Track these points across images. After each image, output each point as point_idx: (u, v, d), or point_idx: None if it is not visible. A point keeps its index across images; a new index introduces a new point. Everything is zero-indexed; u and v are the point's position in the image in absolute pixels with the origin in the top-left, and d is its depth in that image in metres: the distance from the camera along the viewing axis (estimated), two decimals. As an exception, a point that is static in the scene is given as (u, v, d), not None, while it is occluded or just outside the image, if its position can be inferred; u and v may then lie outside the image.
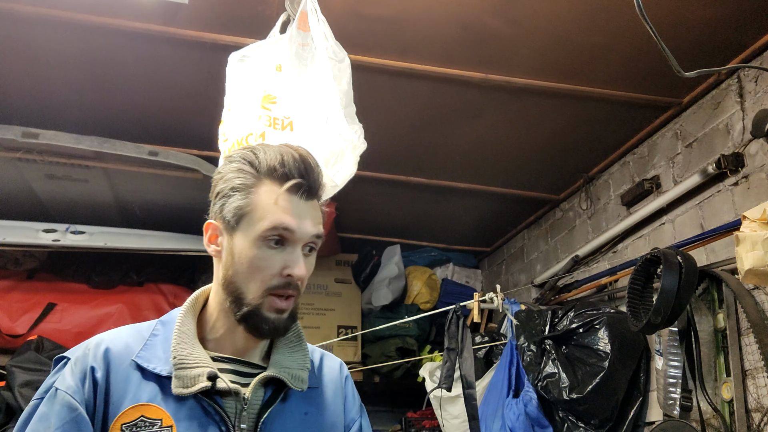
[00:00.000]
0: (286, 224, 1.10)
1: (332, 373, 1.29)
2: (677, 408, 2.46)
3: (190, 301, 1.22)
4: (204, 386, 1.08)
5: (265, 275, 1.11)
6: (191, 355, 1.12)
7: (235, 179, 1.14)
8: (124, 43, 2.46)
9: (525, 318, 3.14)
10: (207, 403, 1.09)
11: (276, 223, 1.10)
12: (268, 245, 1.11)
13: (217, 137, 1.89)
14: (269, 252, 1.11)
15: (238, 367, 1.17)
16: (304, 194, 1.13)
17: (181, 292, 3.55)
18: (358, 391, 1.33)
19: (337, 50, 1.90)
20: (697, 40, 2.39)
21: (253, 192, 1.12)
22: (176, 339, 1.14)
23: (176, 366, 1.10)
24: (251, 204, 1.12)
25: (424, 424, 4.18)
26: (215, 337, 1.18)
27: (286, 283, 1.12)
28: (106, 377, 1.10)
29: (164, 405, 1.08)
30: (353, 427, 1.26)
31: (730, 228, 2.42)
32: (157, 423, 1.07)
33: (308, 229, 1.12)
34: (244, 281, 1.12)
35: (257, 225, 1.11)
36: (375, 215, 4.09)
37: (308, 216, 1.13)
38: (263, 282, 1.11)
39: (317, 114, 1.82)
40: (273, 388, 1.16)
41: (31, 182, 3.06)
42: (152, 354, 1.13)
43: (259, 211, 1.11)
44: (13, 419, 2.86)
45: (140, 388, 1.10)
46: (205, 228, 1.19)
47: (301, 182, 1.12)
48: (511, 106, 2.87)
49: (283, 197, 1.11)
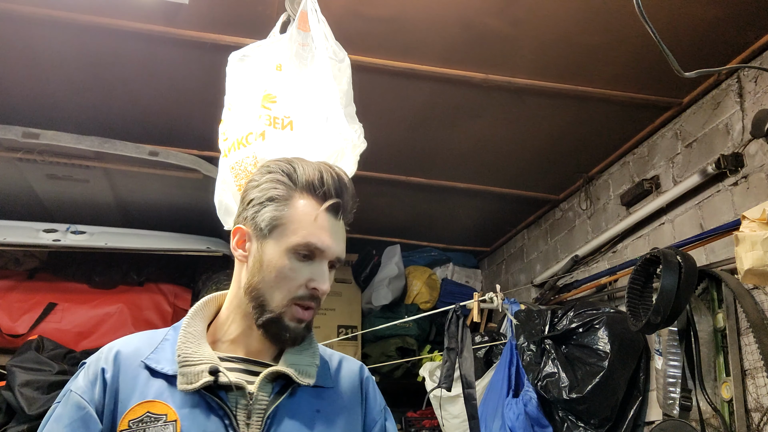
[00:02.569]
0: (323, 241, 1.15)
1: (351, 375, 1.29)
2: (677, 408, 2.46)
3: (200, 304, 1.25)
4: (207, 381, 1.11)
5: (292, 285, 1.15)
6: (196, 353, 1.15)
7: (272, 189, 1.17)
8: (124, 43, 2.47)
9: (525, 318, 3.14)
10: (210, 398, 1.12)
11: (312, 239, 1.14)
12: (298, 258, 1.15)
13: (217, 137, 1.89)
14: (298, 264, 1.15)
15: (248, 366, 1.19)
16: (338, 214, 1.18)
17: (181, 292, 3.56)
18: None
19: (337, 50, 1.90)
20: (697, 40, 2.39)
21: (289, 204, 1.16)
22: (182, 339, 1.17)
23: (181, 363, 1.13)
24: (287, 216, 1.16)
25: (424, 424, 4.18)
26: (229, 339, 1.21)
27: (310, 296, 1.16)
28: (115, 377, 1.14)
29: (170, 401, 1.11)
30: (375, 427, 1.26)
31: (730, 228, 2.42)
32: (162, 418, 1.10)
33: (337, 249, 1.17)
34: (269, 289, 1.15)
35: (291, 237, 1.15)
36: (375, 215, 4.09)
37: (339, 236, 1.18)
38: (289, 292, 1.15)
39: (317, 113, 1.82)
40: (282, 383, 1.17)
41: (31, 182, 3.06)
42: (161, 356, 1.17)
43: (294, 224, 1.15)
44: (13, 419, 2.86)
45: (147, 386, 1.13)
46: (234, 232, 1.22)
47: (339, 202, 1.17)
48: (512, 106, 2.87)
49: (322, 215, 1.16)
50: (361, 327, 4.34)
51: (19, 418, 2.82)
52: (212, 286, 3.29)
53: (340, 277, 4.42)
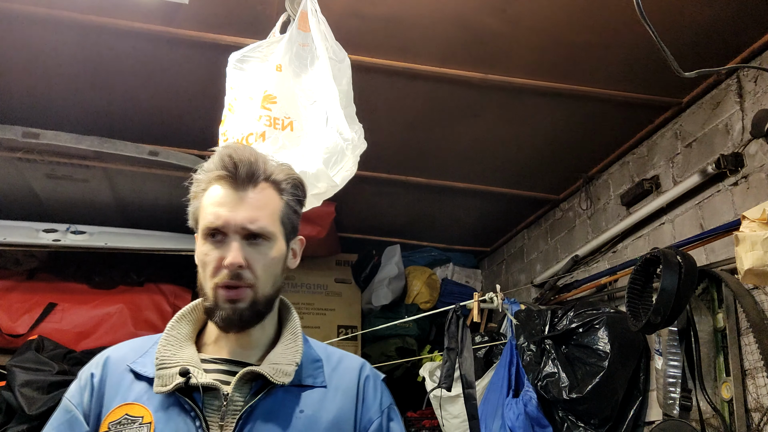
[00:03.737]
0: (218, 217, 1.15)
1: (348, 373, 1.26)
2: (677, 408, 2.46)
3: (187, 307, 1.26)
4: (178, 383, 1.12)
5: (210, 270, 1.16)
6: (174, 356, 1.17)
7: (191, 189, 1.22)
8: (124, 43, 2.47)
9: (525, 318, 3.14)
10: (183, 399, 1.13)
11: (209, 218, 1.16)
12: (210, 241, 1.16)
13: (217, 137, 1.89)
14: (210, 247, 1.16)
15: (231, 367, 1.19)
16: (231, 184, 1.17)
17: (181, 292, 3.55)
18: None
19: (337, 50, 1.90)
20: (697, 40, 2.39)
21: (200, 196, 1.20)
22: (162, 342, 1.19)
23: (157, 366, 1.16)
24: (199, 207, 1.20)
25: (424, 424, 4.17)
26: (212, 341, 1.23)
27: (227, 274, 1.14)
28: (102, 382, 1.18)
29: (148, 404, 1.14)
30: (371, 427, 1.22)
31: (730, 228, 2.42)
32: (138, 420, 1.12)
33: (237, 218, 1.15)
34: (202, 281, 1.18)
35: (200, 225, 1.18)
36: (375, 215, 4.09)
37: (239, 205, 1.16)
38: (212, 276, 1.16)
39: (317, 114, 1.82)
40: (260, 383, 1.16)
41: (31, 182, 3.06)
42: (148, 360, 1.19)
43: (202, 212, 1.18)
44: (13, 419, 2.86)
45: (130, 390, 1.16)
46: (196, 240, 1.25)
47: (222, 173, 1.17)
48: (511, 106, 2.87)
49: (211, 192, 1.18)
50: (360, 327, 4.34)
51: (19, 418, 2.82)
52: (212, 286, 3.28)
53: (340, 277, 4.42)
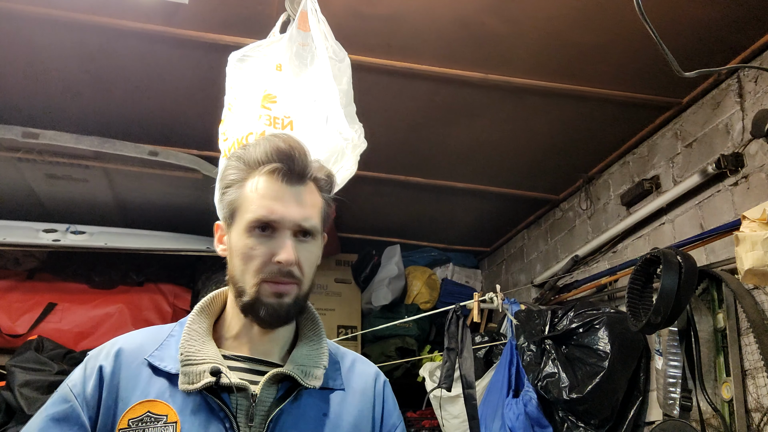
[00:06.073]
0: (273, 211, 1.11)
1: (365, 378, 1.26)
2: (677, 408, 2.46)
3: (205, 300, 1.22)
4: (208, 382, 1.08)
5: (257, 264, 1.11)
6: (199, 352, 1.12)
7: (229, 176, 1.16)
8: (124, 43, 2.46)
9: (525, 318, 3.14)
10: (212, 399, 1.09)
11: (261, 211, 1.11)
12: (257, 235, 1.12)
13: (217, 137, 1.89)
14: (257, 241, 1.12)
15: (254, 365, 1.16)
16: (285, 179, 1.13)
17: (181, 292, 3.56)
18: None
19: (337, 50, 1.90)
20: (697, 40, 2.39)
21: (242, 186, 1.14)
22: (185, 336, 1.15)
23: (183, 362, 1.11)
24: (241, 197, 1.14)
25: (424, 424, 4.17)
26: (231, 336, 1.19)
27: (278, 271, 1.11)
28: (115, 374, 1.12)
29: (171, 401, 1.09)
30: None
31: (730, 228, 2.42)
32: (162, 418, 1.08)
33: (293, 215, 1.12)
34: (241, 274, 1.13)
35: (245, 216, 1.13)
36: (375, 215, 4.09)
37: (293, 201, 1.13)
38: (257, 271, 1.11)
39: (317, 113, 1.82)
40: (288, 385, 1.14)
41: (31, 182, 3.06)
42: (165, 353, 1.14)
43: (247, 203, 1.13)
44: (12, 419, 2.86)
45: (149, 385, 1.11)
46: (215, 230, 1.21)
47: (279, 166, 1.13)
48: (511, 105, 2.87)
49: (261, 184, 1.13)
50: (360, 327, 4.34)
51: (18, 418, 2.82)
52: (212, 286, 3.29)
53: (340, 277, 4.42)
